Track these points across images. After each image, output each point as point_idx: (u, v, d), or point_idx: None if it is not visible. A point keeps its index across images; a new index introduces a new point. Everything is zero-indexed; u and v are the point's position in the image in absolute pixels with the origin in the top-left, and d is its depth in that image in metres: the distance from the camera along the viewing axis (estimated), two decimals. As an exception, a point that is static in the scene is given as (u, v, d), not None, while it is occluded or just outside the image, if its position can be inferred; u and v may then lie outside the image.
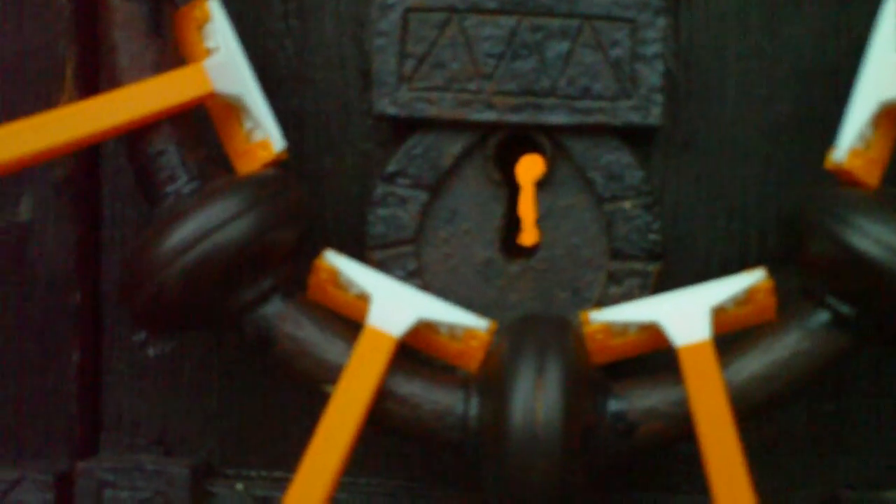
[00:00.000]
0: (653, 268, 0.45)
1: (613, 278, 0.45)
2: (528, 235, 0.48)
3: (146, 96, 0.40)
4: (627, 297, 0.44)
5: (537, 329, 0.40)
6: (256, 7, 0.47)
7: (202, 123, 0.43)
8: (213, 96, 0.41)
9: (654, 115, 0.44)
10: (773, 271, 0.41)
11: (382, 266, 0.45)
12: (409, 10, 0.44)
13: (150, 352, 0.47)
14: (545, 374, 0.38)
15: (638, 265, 0.45)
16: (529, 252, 0.46)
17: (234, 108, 0.42)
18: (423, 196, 0.45)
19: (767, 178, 0.46)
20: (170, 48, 0.42)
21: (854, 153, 0.40)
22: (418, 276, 0.45)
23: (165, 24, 0.42)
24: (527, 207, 0.47)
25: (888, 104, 0.39)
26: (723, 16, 0.46)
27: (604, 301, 0.45)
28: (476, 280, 0.46)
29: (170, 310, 0.39)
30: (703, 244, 0.47)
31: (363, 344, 0.40)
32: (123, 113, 0.40)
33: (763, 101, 0.46)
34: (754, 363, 0.40)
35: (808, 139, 0.46)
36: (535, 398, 0.37)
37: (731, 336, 0.41)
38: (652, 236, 0.45)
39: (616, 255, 0.45)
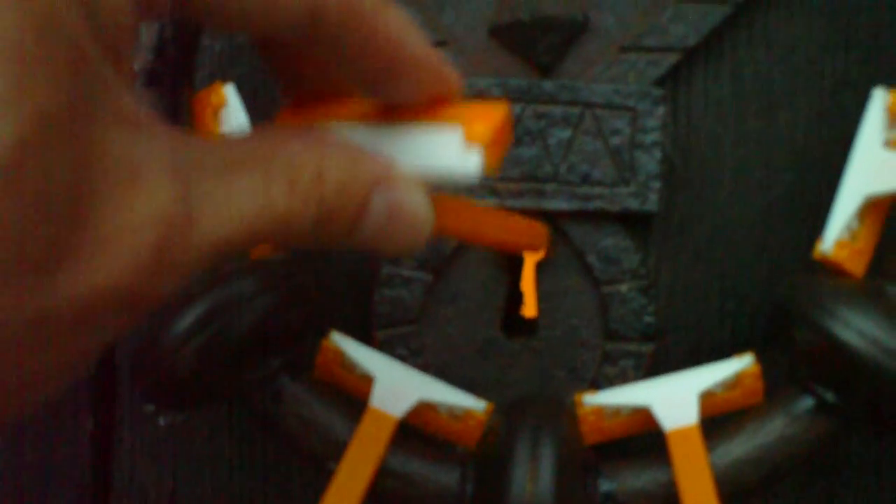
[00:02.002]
0: (647, 349, 0.46)
1: (609, 358, 0.46)
2: (530, 308, 0.49)
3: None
4: (621, 376, 0.46)
5: (532, 411, 0.41)
6: (270, 90, 0.49)
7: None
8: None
9: (652, 202, 0.45)
10: (763, 355, 0.43)
11: (387, 345, 0.46)
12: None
13: (162, 421, 0.49)
14: (539, 457, 0.39)
15: (632, 346, 0.46)
16: (529, 332, 0.48)
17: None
18: (426, 277, 0.46)
19: (761, 263, 0.48)
20: (181, 118, 0.44)
21: (840, 244, 0.41)
22: (421, 355, 0.47)
23: (184, 109, 0.44)
24: (528, 284, 0.49)
25: (874, 197, 0.41)
26: (720, 103, 0.48)
27: (599, 380, 0.46)
28: (477, 358, 0.47)
29: (179, 388, 0.41)
30: (696, 326, 0.48)
31: (365, 424, 0.41)
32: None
33: (758, 187, 0.47)
34: (740, 447, 0.41)
35: (801, 224, 0.47)
36: (529, 479, 0.39)
37: (720, 418, 0.42)
38: (647, 318, 0.46)
39: (612, 336, 0.46)
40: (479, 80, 0.45)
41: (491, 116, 0.30)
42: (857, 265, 0.41)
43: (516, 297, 0.50)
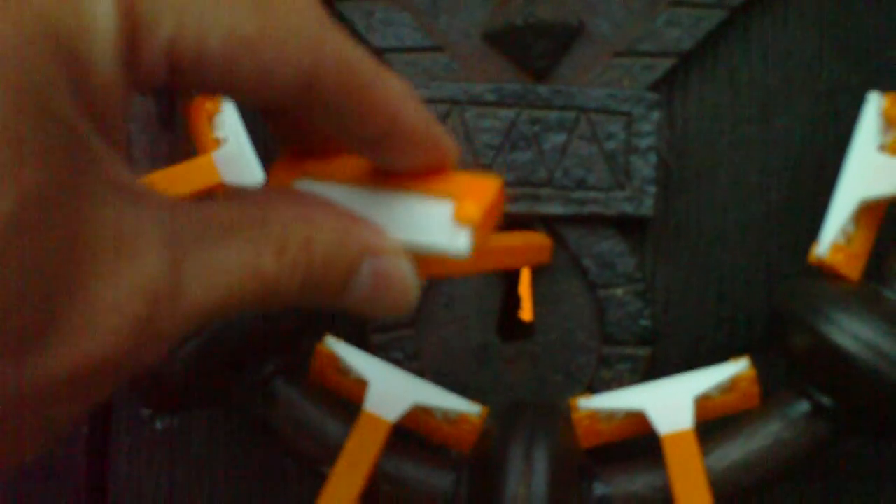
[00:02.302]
0: (643, 352, 0.46)
1: (605, 362, 0.46)
2: (527, 312, 0.49)
3: (158, 187, 0.42)
4: (618, 380, 0.46)
5: (526, 415, 0.41)
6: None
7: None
8: (221, 186, 0.43)
9: (647, 207, 0.45)
10: (760, 358, 0.43)
11: (382, 349, 0.46)
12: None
13: (158, 425, 0.49)
14: (533, 461, 0.39)
15: (629, 350, 0.46)
16: (525, 336, 0.48)
17: (242, 197, 0.44)
18: (422, 282, 0.46)
19: (757, 266, 0.48)
20: (181, 140, 0.44)
21: (836, 248, 0.41)
22: (416, 359, 0.47)
23: (178, 116, 0.44)
24: (525, 288, 0.49)
25: (869, 201, 0.41)
26: (716, 107, 0.48)
27: (595, 384, 0.46)
28: (472, 363, 0.47)
29: (175, 392, 0.41)
30: (693, 330, 0.48)
31: (359, 428, 0.41)
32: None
33: (754, 191, 0.47)
34: (736, 451, 0.41)
35: (798, 228, 0.47)
36: (523, 484, 0.39)
37: (716, 422, 0.42)
38: (643, 322, 0.46)
39: (608, 339, 0.46)
40: (474, 86, 0.46)
41: (484, 192, 0.30)
42: (853, 269, 0.41)
43: (512, 302, 0.50)
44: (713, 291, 0.48)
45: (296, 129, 0.31)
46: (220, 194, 0.26)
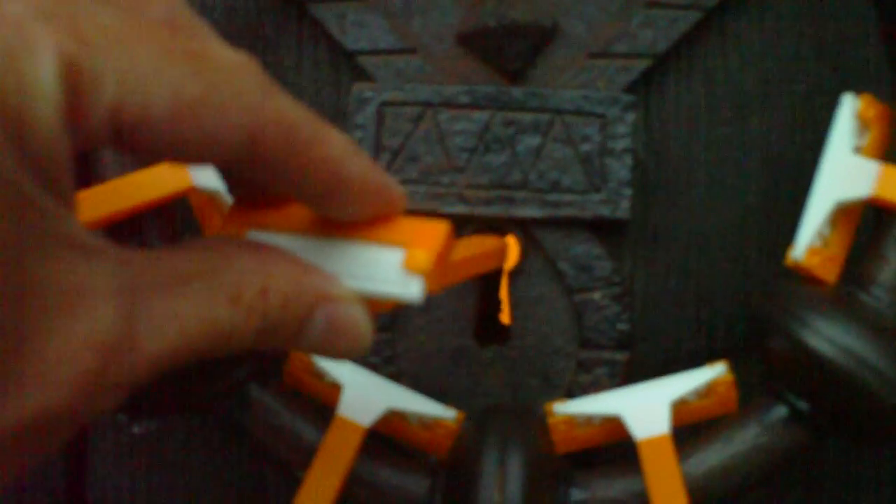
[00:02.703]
0: (621, 357, 0.46)
1: (583, 367, 0.46)
2: (506, 315, 0.49)
3: (129, 191, 0.42)
4: (596, 385, 0.46)
5: (501, 420, 0.41)
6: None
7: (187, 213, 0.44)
8: (193, 190, 0.43)
9: (623, 209, 0.45)
10: (739, 362, 0.42)
11: (357, 353, 0.46)
12: (384, 105, 0.46)
13: (135, 429, 0.49)
14: (507, 466, 0.39)
15: (607, 354, 0.46)
16: (502, 340, 0.47)
17: (213, 201, 0.44)
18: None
19: (736, 269, 0.47)
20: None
21: (812, 251, 0.41)
22: (393, 363, 0.46)
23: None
24: (503, 291, 0.49)
25: (845, 204, 0.40)
26: (692, 108, 0.47)
27: (573, 388, 0.46)
28: (449, 366, 0.47)
29: (150, 397, 0.40)
30: (672, 334, 0.47)
31: (333, 433, 0.41)
32: (106, 207, 0.41)
33: (732, 192, 0.47)
34: (713, 456, 0.40)
35: (776, 231, 0.47)
36: (498, 490, 0.38)
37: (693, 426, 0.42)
38: (621, 326, 0.46)
39: (586, 344, 0.46)
40: (447, 88, 0.45)
41: (434, 237, 0.30)
42: (829, 272, 0.41)
43: (489, 306, 0.49)
44: (691, 294, 0.47)
45: (243, 182, 0.31)
46: (175, 245, 0.27)
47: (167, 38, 0.25)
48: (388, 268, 0.30)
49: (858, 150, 0.41)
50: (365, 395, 0.42)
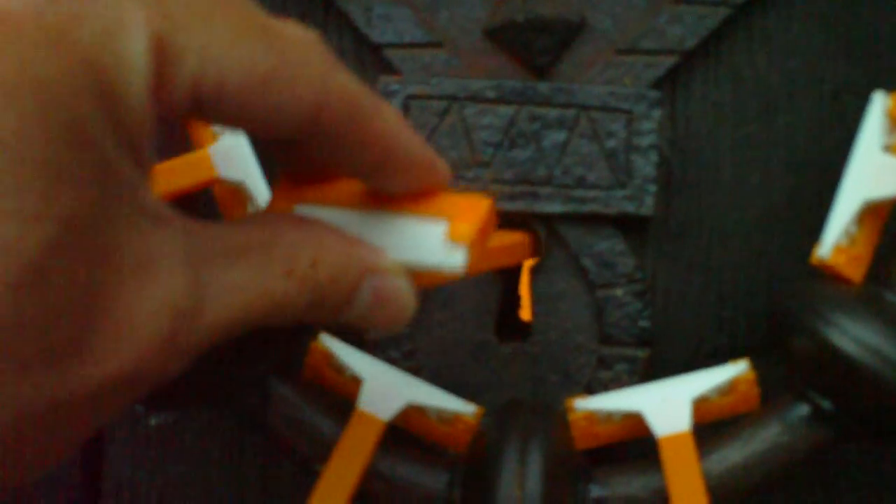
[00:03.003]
0: (642, 354, 0.45)
1: (603, 363, 0.46)
2: (526, 311, 0.49)
3: (155, 180, 0.42)
4: (616, 381, 0.45)
5: (522, 416, 0.41)
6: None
7: (210, 204, 0.44)
8: (217, 181, 0.43)
9: (648, 206, 0.45)
10: (761, 360, 0.42)
11: (378, 347, 0.46)
12: (410, 98, 0.45)
13: (153, 421, 0.49)
14: (527, 462, 0.39)
15: (628, 351, 0.46)
16: (523, 335, 0.47)
17: (237, 192, 0.44)
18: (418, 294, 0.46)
19: (759, 267, 0.47)
20: (178, 133, 0.44)
21: (838, 249, 0.40)
22: (413, 358, 0.46)
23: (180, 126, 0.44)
24: (523, 287, 0.48)
25: (873, 202, 0.40)
26: (719, 105, 0.47)
27: (593, 385, 0.46)
28: (469, 362, 0.47)
29: (169, 389, 0.40)
30: (693, 331, 0.47)
31: (353, 427, 0.41)
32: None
33: (757, 191, 0.47)
34: (734, 454, 0.40)
35: (800, 229, 0.47)
36: (517, 486, 0.38)
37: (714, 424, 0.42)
38: (642, 323, 0.45)
39: (607, 340, 0.46)
40: (473, 82, 0.45)
41: (476, 211, 0.32)
42: (855, 271, 0.41)
43: (510, 301, 0.49)
44: (713, 292, 0.47)
45: (299, 156, 0.32)
46: (229, 220, 0.28)
47: (242, 13, 0.26)
48: (432, 239, 0.31)
49: (888, 148, 0.40)
50: (385, 390, 0.42)
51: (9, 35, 0.21)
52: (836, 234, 0.40)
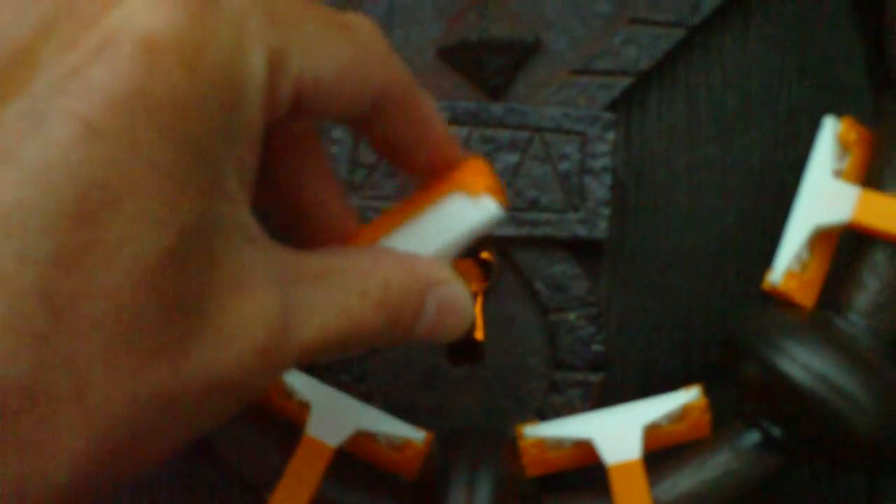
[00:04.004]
0: (595, 378, 0.45)
1: (556, 388, 0.45)
2: (479, 333, 0.48)
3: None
4: (569, 406, 0.45)
5: (470, 442, 0.41)
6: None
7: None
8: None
9: (601, 229, 0.44)
10: (715, 386, 0.42)
11: (329, 371, 0.45)
12: (363, 119, 0.45)
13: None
14: (476, 489, 0.38)
15: (580, 375, 0.45)
16: (474, 359, 0.47)
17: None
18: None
19: (714, 291, 0.47)
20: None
21: (790, 275, 0.40)
22: (363, 381, 0.46)
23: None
24: (477, 309, 0.48)
25: (823, 228, 0.40)
26: (674, 127, 0.47)
27: (545, 410, 0.45)
28: (421, 386, 0.46)
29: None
30: (647, 355, 0.47)
31: (301, 453, 0.40)
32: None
33: (712, 213, 0.47)
34: (684, 482, 0.40)
35: (756, 252, 0.46)
36: (465, 513, 0.38)
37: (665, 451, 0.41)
38: (595, 347, 0.45)
39: (559, 365, 0.45)
40: (426, 103, 0.45)
41: (476, 168, 0.35)
42: (806, 296, 0.41)
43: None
44: (668, 316, 0.47)
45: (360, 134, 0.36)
46: (299, 249, 0.30)
47: (320, 11, 0.28)
48: (462, 208, 0.34)
49: (839, 173, 0.40)
50: (334, 415, 0.41)
51: (154, 54, 0.23)
52: (788, 260, 0.40)
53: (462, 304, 0.34)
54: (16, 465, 0.22)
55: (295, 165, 0.34)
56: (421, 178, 0.35)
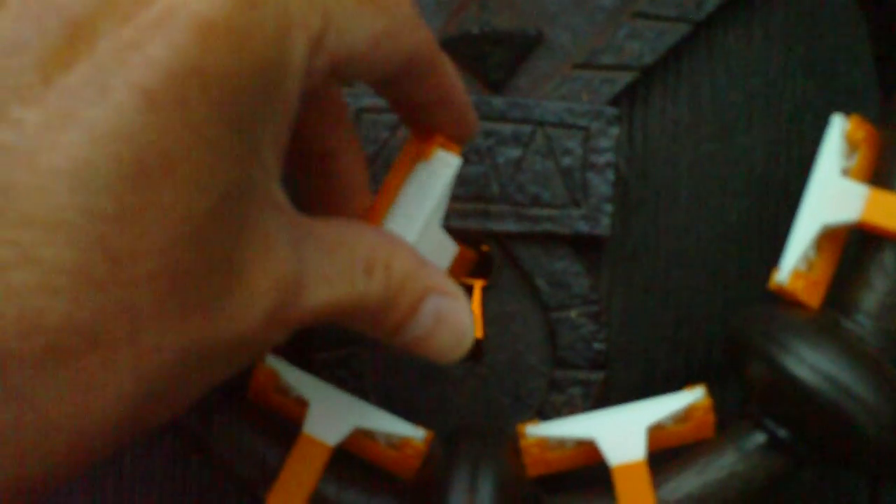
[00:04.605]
0: (596, 377, 0.45)
1: (556, 386, 0.45)
2: (479, 330, 0.48)
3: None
4: (569, 405, 0.44)
5: (471, 442, 0.40)
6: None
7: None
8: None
9: (604, 226, 0.44)
10: (717, 385, 0.41)
11: (326, 367, 0.44)
12: (362, 111, 0.44)
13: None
14: (477, 489, 0.38)
15: (581, 374, 0.45)
16: (474, 357, 0.46)
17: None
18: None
19: (716, 289, 0.46)
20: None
21: (796, 275, 0.40)
22: (361, 379, 0.45)
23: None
24: (476, 307, 0.47)
25: (831, 227, 0.40)
26: (677, 123, 0.46)
27: (545, 408, 0.45)
28: (419, 383, 0.46)
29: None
30: (649, 354, 0.46)
31: (298, 451, 0.40)
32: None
33: (714, 211, 0.46)
34: (689, 483, 0.39)
35: (759, 251, 0.46)
36: (467, 514, 0.37)
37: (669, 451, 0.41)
38: (596, 345, 0.45)
39: (560, 363, 0.45)
40: (427, 95, 0.44)
41: (427, 137, 0.37)
42: (813, 296, 0.40)
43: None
44: (670, 315, 0.46)
45: (386, 94, 0.36)
46: (312, 217, 0.32)
47: None
48: (426, 174, 0.37)
49: (846, 172, 0.40)
50: (332, 413, 0.40)
51: (206, 34, 0.24)
52: (795, 259, 0.40)
53: (462, 320, 0.35)
54: (77, 400, 0.24)
55: (320, 127, 0.37)
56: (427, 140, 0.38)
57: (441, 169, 0.37)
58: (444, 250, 0.40)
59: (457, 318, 0.35)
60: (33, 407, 0.23)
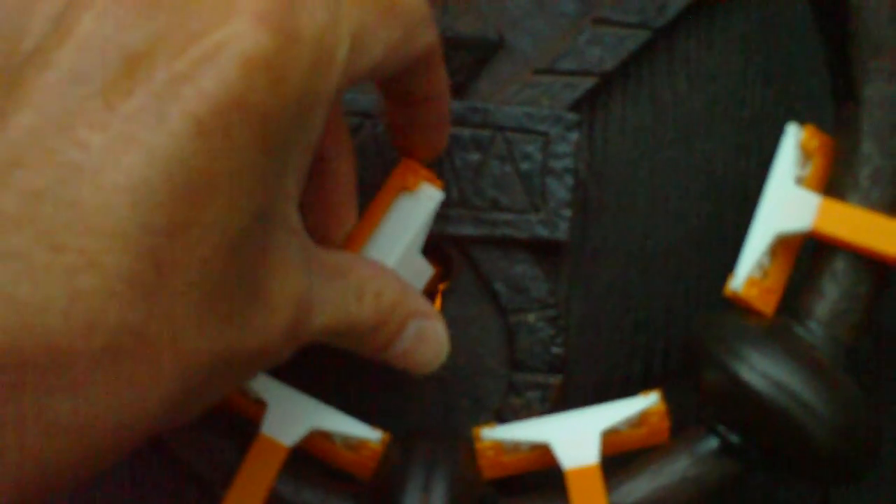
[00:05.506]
0: (554, 380, 0.45)
1: (514, 389, 0.45)
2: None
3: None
4: (527, 408, 0.45)
5: (427, 443, 0.40)
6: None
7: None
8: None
9: (562, 230, 0.44)
10: (675, 390, 0.42)
11: (285, 369, 0.44)
12: (323, 114, 0.44)
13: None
14: (432, 491, 0.38)
15: (539, 377, 0.45)
16: (433, 359, 0.46)
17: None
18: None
19: (675, 294, 0.47)
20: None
21: (751, 282, 0.40)
22: (320, 381, 0.45)
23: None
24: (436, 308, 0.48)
25: (785, 235, 0.40)
26: (637, 129, 0.47)
27: (504, 411, 0.45)
28: (378, 386, 0.46)
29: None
30: (607, 358, 0.47)
31: (255, 451, 0.40)
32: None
33: (674, 217, 0.47)
34: (642, 487, 0.40)
35: (717, 257, 0.46)
36: (421, 516, 0.38)
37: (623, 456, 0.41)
38: (555, 349, 0.45)
39: (518, 366, 0.45)
40: (388, 99, 0.44)
41: (408, 167, 0.41)
42: (767, 303, 0.40)
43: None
44: (629, 319, 0.47)
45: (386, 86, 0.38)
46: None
47: None
48: (410, 205, 0.41)
49: (801, 180, 0.40)
50: (290, 414, 0.41)
51: (250, 71, 0.26)
52: (749, 267, 0.40)
53: (439, 339, 0.39)
54: (125, 395, 0.26)
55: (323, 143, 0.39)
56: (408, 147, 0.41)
57: (424, 202, 0.41)
58: (421, 273, 0.42)
59: (435, 337, 0.39)
60: (87, 399, 0.25)
